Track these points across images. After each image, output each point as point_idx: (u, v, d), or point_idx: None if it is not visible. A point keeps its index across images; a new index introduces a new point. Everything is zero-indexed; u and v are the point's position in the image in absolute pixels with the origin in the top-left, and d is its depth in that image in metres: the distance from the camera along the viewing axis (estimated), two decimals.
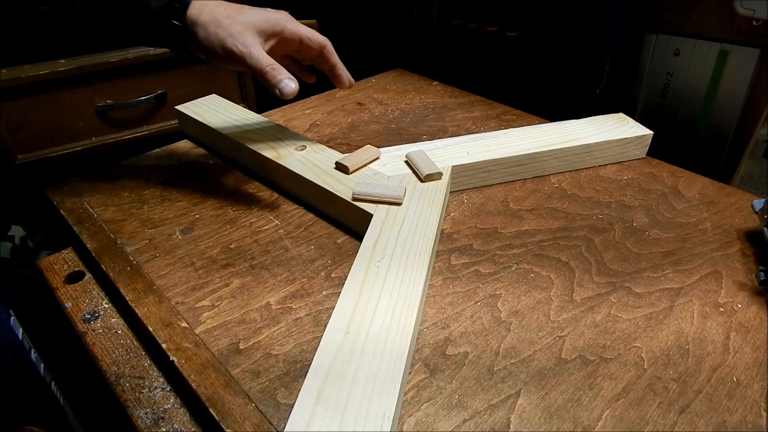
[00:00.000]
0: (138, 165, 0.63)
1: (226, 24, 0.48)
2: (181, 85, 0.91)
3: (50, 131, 0.82)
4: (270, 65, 0.48)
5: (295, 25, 0.51)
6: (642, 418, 0.35)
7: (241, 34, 0.48)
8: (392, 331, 0.37)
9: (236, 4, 0.50)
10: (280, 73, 0.48)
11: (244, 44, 0.48)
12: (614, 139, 0.61)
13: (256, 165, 0.60)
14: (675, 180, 0.60)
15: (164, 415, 0.37)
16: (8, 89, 0.76)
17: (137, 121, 0.89)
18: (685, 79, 0.70)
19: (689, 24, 0.68)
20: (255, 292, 0.45)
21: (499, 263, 0.48)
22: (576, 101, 0.79)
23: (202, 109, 0.68)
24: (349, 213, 0.51)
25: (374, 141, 0.68)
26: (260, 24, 0.49)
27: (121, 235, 0.51)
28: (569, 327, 0.41)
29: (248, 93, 0.99)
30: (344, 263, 0.48)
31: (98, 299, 0.47)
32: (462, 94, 0.82)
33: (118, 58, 0.83)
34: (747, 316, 0.42)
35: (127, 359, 0.41)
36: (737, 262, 0.48)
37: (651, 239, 0.51)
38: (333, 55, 0.53)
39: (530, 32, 0.83)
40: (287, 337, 0.40)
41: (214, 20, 0.48)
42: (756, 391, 0.36)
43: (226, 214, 0.54)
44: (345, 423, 0.31)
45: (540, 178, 0.61)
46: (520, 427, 0.34)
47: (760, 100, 0.65)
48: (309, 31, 0.51)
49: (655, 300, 0.44)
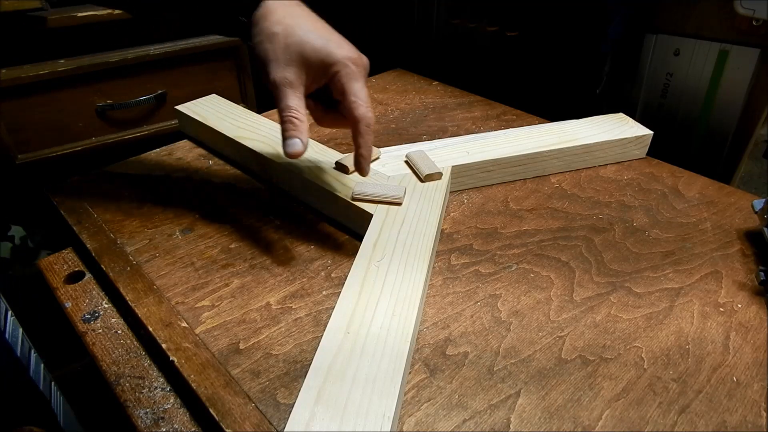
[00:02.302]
0: (138, 165, 0.63)
1: (277, 43, 0.42)
2: (181, 85, 0.91)
3: (50, 131, 0.82)
4: (289, 116, 0.42)
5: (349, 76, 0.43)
6: (642, 418, 0.35)
7: (286, 63, 0.42)
8: (392, 331, 0.37)
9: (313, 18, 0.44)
10: (296, 130, 0.42)
11: (281, 78, 0.42)
12: (614, 139, 0.61)
13: (256, 165, 0.60)
14: (675, 180, 0.60)
15: (164, 415, 0.37)
16: (8, 89, 0.76)
17: (137, 121, 0.89)
18: (685, 79, 0.70)
19: (689, 24, 0.68)
20: (255, 292, 0.45)
21: (499, 263, 0.48)
22: (576, 101, 0.79)
23: (202, 109, 0.68)
24: (349, 213, 0.51)
25: (374, 141, 0.68)
26: (311, 55, 0.42)
27: (121, 235, 0.51)
28: (569, 327, 0.41)
29: (248, 93, 0.99)
30: (344, 263, 0.48)
31: (98, 299, 0.47)
32: (462, 94, 0.82)
33: (118, 58, 0.83)
34: (747, 316, 0.42)
35: (127, 359, 0.41)
36: (737, 262, 0.48)
37: (651, 239, 0.51)
38: (363, 136, 0.44)
39: (530, 32, 0.83)
40: (287, 337, 0.40)
41: (268, 34, 0.42)
42: (756, 391, 0.36)
43: (226, 214, 0.54)
44: (345, 423, 0.31)
45: (540, 178, 0.61)
46: (520, 427, 0.34)
47: (760, 100, 0.65)
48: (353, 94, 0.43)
49: (655, 300, 0.44)
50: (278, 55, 0.42)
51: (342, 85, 0.43)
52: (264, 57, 0.42)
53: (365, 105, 0.43)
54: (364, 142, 0.44)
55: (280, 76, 0.42)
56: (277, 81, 0.42)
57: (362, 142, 0.44)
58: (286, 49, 0.42)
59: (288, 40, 0.42)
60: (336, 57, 0.42)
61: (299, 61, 0.42)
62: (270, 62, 0.42)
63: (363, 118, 0.43)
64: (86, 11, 0.80)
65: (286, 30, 0.42)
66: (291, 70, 0.42)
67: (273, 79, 0.42)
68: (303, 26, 0.42)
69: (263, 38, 0.42)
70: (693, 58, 0.68)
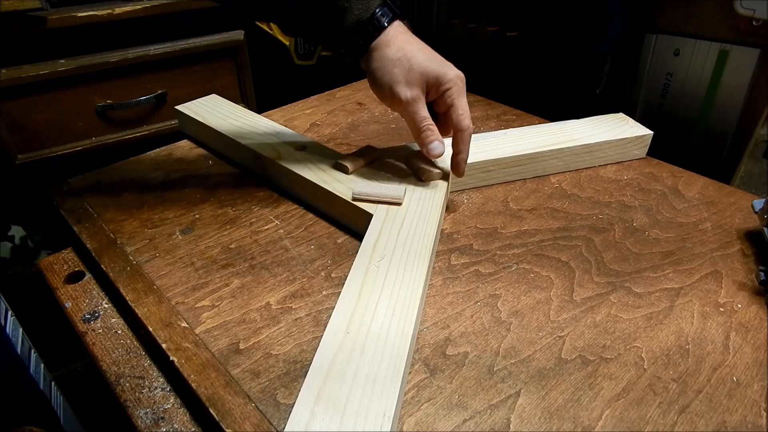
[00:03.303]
0: (138, 165, 0.63)
1: (402, 66, 0.49)
2: (181, 85, 0.91)
3: (50, 131, 0.82)
4: (427, 125, 0.50)
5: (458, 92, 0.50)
6: (642, 418, 0.35)
7: (411, 83, 0.49)
8: (392, 331, 0.37)
9: (422, 44, 0.51)
10: (434, 134, 0.50)
11: (412, 96, 0.49)
12: (614, 139, 0.61)
13: (256, 165, 0.60)
14: (675, 180, 0.60)
15: (164, 415, 0.37)
16: (8, 89, 0.76)
17: (137, 121, 0.89)
18: (685, 79, 0.70)
19: (689, 24, 0.68)
20: (255, 292, 0.45)
21: (499, 263, 0.48)
22: (576, 101, 0.79)
23: (202, 109, 0.68)
24: (349, 213, 0.51)
25: (374, 141, 0.68)
26: (430, 76, 0.49)
27: (121, 235, 0.51)
28: (569, 327, 0.41)
29: (248, 93, 0.99)
30: (344, 263, 0.48)
31: (98, 299, 0.47)
32: None
33: (118, 58, 0.83)
34: (747, 316, 0.42)
35: (127, 359, 0.41)
36: (737, 262, 0.48)
37: (651, 239, 0.51)
38: (466, 143, 0.51)
39: (530, 32, 0.83)
40: (287, 337, 0.40)
41: (393, 60, 0.49)
42: (756, 391, 0.36)
43: (226, 214, 0.54)
44: (345, 423, 0.31)
45: (540, 178, 0.61)
46: (520, 427, 0.34)
47: (760, 100, 0.65)
48: (461, 108, 0.50)
49: (655, 300, 0.44)
50: (405, 76, 0.49)
51: (452, 101, 0.50)
52: (392, 79, 0.49)
53: (469, 117, 0.51)
54: (466, 147, 0.51)
55: (412, 94, 0.49)
56: (410, 98, 0.49)
57: (464, 148, 0.51)
58: (410, 72, 0.49)
59: (410, 63, 0.49)
60: (449, 77, 0.50)
61: (421, 81, 0.49)
62: (398, 84, 0.49)
63: (468, 129, 0.51)
64: (86, 11, 0.80)
65: (407, 55, 0.49)
66: (417, 89, 0.49)
67: (406, 97, 0.49)
68: (419, 52, 0.50)
69: (387, 63, 0.49)
70: (693, 58, 0.68)
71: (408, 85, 0.49)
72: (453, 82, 0.50)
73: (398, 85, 0.49)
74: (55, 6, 0.80)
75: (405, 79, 0.49)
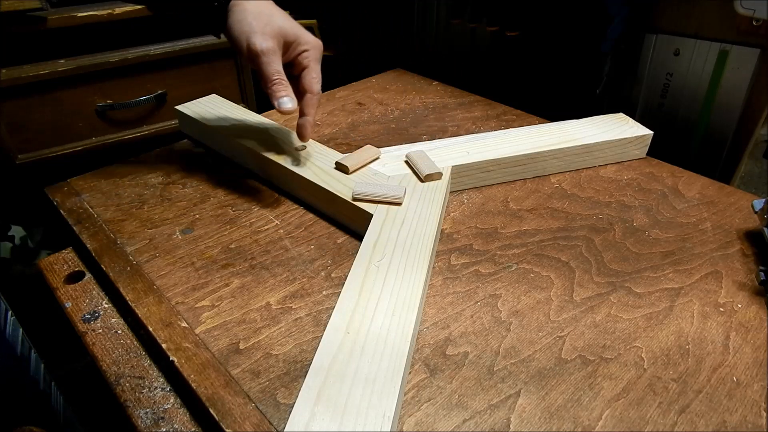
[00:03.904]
0: (138, 165, 0.63)
1: (260, 20, 0.49)
2: (181, 85, 0.91)
3: (50, 131, 0.82)
4: (279, 78, 0.49)
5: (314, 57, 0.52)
6: (642, 418, 0.35)
7: (267, 36, 0.49)
8: (392, 331, 0.37)
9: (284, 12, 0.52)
10: (285, 89, 0.49)
11: (267, 47, 0.49)
12: (614, 139, 0.61)
13: (256, 165, 0.60)
14: (675, 180, 0.60)
15: (164, 415, 0.37)
16: (8, 89, 0.76)
17: (137, 121, 0.89)
18: (685, 79, 0.70)
19: (689, 24, 0.68)
20: (255, 292, 0.45)
21: (499, 263, 0.48)
22: (576, 101, 0.79)
23: (202, 109, 0.68)
24: (349, 213, 0.51)
25: (374, 141, 0.68)
26: (289, 33, 0.50)
27: (121, 235, 0.51)
28: (569, 327, 0.41)
29: (248, 93, 0.99)
30: (344, 263, 0.48)
31: (98, 299, 0.47)
32: (462, 94, 0.82)
33: (118, 58, 0.83)
34: (747, 316, 0.42)
35: (127, 359, 0.41)
36: (737, 262, 0.48)
37: (651, 239, 0.51)
38: (311, 106, 0.53)
39: (530, 32, 0.83)
40: (287, 337, 0.40)
41: (252, 12, 0.49)
42: (756, 391, 0.36)
43: (226, 214, 0.54)
44: (345, 423, 0.31)
45: (540, 178, 0.61)
46: (520, 427, 0.34)
47: (760, 100, 0.65)
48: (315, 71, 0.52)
49: (655, 300, 0.44)
50: (262, 28, 0.49)
51: (308, 62, 0.52)
52: (249, 30, 0.49)
53: (320, 83, 0.52)
54: (313, 111, 0.53)
55: (267, 45, 0.49)
56: (265, 49, 0.48)
57: (311, 112, 0.53)
58: (268, 25, 0.49)
59: (269, 18, 0.49)
60: (307, 39, 0.51)
61: (278, 36, 0.49)
62: (254, 34, 0.49)
63: (318, 93, 0.53)
64: (86, 11, 0.80)
65: (266, 12, 0.50)
66: (273, 41, 0.49)
67: (260, 47, 0.48)
68: (279, 13, 0.51)
69: (246, 15, 0.49)
70: (693, 58, 0.68)
71: (264, 36, 0.49)
72: (311, 44, 0.51)
73: (255, 36, 0.49)
74: (55, 6, 0.80)
75: (261, 30, 0.49)
